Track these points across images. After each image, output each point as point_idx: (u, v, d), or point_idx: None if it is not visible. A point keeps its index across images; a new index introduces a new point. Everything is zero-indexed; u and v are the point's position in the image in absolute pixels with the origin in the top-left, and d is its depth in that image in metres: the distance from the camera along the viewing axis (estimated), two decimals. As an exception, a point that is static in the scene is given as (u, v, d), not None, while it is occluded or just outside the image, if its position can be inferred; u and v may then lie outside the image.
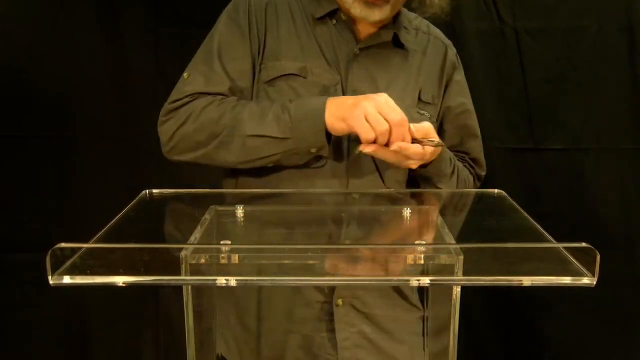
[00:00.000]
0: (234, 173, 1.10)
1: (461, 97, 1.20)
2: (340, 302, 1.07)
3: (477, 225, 0.95)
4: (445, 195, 1.09)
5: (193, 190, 1.03)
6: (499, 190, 0.98)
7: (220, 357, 1.12)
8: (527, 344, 1.81)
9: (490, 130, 1.72)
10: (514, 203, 0.94)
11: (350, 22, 1.07)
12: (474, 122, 1.22)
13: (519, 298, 1.78)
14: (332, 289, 1.06)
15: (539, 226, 0.81)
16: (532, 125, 1.72)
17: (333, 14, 1.07)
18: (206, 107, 1.01)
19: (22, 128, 1.63)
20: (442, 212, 0.92)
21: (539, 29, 1.68)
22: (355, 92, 1.04)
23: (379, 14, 1.03)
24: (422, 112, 1.12)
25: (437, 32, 1.20)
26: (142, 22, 1.65)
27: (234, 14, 1.08)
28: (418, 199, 1.08)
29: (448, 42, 1.19)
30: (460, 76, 1.20)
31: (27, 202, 1.65)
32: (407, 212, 0.94)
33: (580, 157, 1.72)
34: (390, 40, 1.09)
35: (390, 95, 1.06)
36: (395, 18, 1.10)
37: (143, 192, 0.99)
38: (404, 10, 1.13)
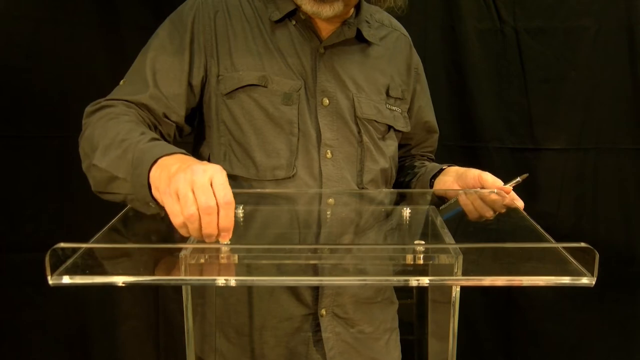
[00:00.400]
0: None
1: (426, 93, 1.21)
2: (324, 312, 1.06)
3: (477, 226, 0.95)
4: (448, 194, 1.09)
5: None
6: (499, 190, 0.98)
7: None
8: (527, 344, 1.81)
9: (490, 130, 1.72)
10: (517, 205, 0.94)
11: (310, 21, 1.04)
12: (433, 116, 1.23)
13: (519, 298, 1.78)
14: (315, 300, 1.05)
15: (538, 226, 0.81)
16: (532, 125, 1.72)
17: (292, 14, 1.04)
18: (101, 118, 0.97)
19: (22, 128, 1.62)
20: (437, 203, 0.93)
21: (539, 29, 1.68)
22: (324, 93, 1.03)
23: (330, 10, 0.99)
24: (392, 108, 1.11)
25: (398, 25, 1.18)
26: (142, 21, 1.65)
27: (177, 24, 1.05)
28: (417, 198, 1.08)
29: (408, 38, 1.19)
30: (423, 71, 1.20)
31: (27, 202, 1.65)
32: (406, 212, 0.94)
33: (580, 157, 1.72)
34: (353, 37, 1.07)
35: (360, 93, 1.07)
36: (357, 12, 1.08)
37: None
38: (365, 4, 1.11)
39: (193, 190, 0.72)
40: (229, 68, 1.02)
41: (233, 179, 1.02)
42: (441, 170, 1.10)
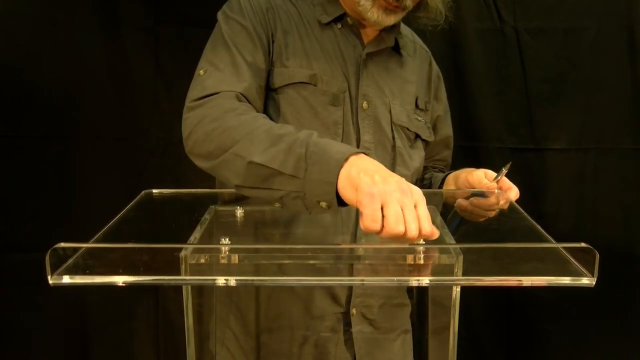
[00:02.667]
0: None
1: (444, 105, 1.23)
2: (354, 311, 1.07)
3: (477, 225, 0.95)
4: (445, 195, 1.10)
5: (193, 190, 1.04)
6: (499, 190, 0.98)
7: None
8: (527, 344, 1.81)
9: (490, 130, 1.72)
10: (514, 203, 0.94)
11: (357, 27, 1.07)
12: (451, 131, 1.26)
13: (519, 298, 1.78)
14: (348, 299, 1.06)
15: (538, 226, 0.81)
16: (532, 125, 1.72)
17: (339, 19, 1.06)
18: (228, 112, 0.90)
19: (22, 128, 1.62)
20: (442, 212, 0.93)
21: (539, 29, 1.68)
22: (365, 97, 1.05)
23: (394, 19, 1.03)
24: (418, 118, 1.13)
25: (419, 40, 1.22)
26: (142, 22, 1.65)
27: (234, 13, 1.03)
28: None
29: (428, 50, 1.23)
30: (443, 85, 1.23)
31: (27, 202, 1.65)
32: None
33: (580, 157, 1.72)
34: (392, 46, 1.10)
35: (395, 100, 1.08)
36: (394, 25, 1.09)
37: (143, 192, 0.99)
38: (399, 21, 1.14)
39: (403, 210, 0.71)
40: (279, 63, 1.03)
41: None
42: (443, 180, 1.13)
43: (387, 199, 0.71)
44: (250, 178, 0.83)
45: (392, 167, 1.06)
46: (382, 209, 0.71)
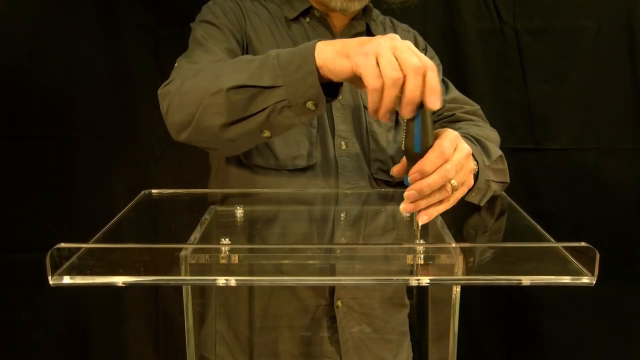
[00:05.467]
0: (219, 175, 1.09)
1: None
2: (339, 303, 1.07)
3: (477, 225, 0.95)
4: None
5: (193, 190, 1.04)
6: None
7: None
8: (527, 344, 1.81)
9: (490, 130, 1.72)
10: (514, 203, 0.94)
11: (324, 19, 1.08)
12: (455, 93, 1.17)
13: (519, 298, 1.78)
14: (331, 291, 1.06)
15: (538, 226, 0.81)
16: (532, 125, 1.72)
17: (306, 12, 1.08)
18: (199, 71, 0.90)
19: (22, 128, 1.62)
20: (441, 212, 0.92)
21: (539, 29, 1.68)
22: None
23: (358, 4, 1.04)
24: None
25: (404, 25, 1.21)
26: (142, 22, 1.65)
27: (205, 17, 1.05)
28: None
29: (414, 32, 1.21)
30: (431, 54, 1.19)
31: (27, 202, 1.65)
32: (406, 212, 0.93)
33: (580, 157, 1.72)
34: (364, 31, 1.10)
35: None
36: (365, 10, 1.11)
37: (143, 192, 0.99)
38: (371, 6, 1.14)
39: (398, 55, 0.70)
40: None
41: (251, 168, 1.03)
42: None
43: (379, 50, 0.70)
44: (233, 109, 0.82)
45: (368, 153, 1.07)
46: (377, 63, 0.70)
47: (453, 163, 0.76)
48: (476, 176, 0.89)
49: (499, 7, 1.67)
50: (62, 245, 0.67)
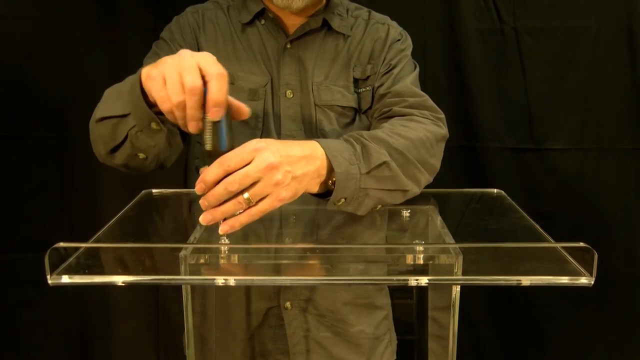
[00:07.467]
0: (191, 180, 1.11)
1: (393, 65, 1.10)
2: (288, 304, 1.06)
3: (477, 225, 0.95)
4: (444, 195, 1.10)
5: (192, 190, 1.03)
6: (499, 190, 0.98)
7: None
8: (527, 344, 1.81)
9: (490, 130, 1.72)
10: (514, 203, 0.94)
11: (278, 20, 1.08)
12: (403, 86, 1.06)
13: (519, 298, 1.78)
14: (277, 292, 1.05)
15: (537, 226, 0.81)
16: (532, 125, 1.72)
17: (260, 14, 1.08)
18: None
19: (22, 128, 1.62)
20: (441, 212, 0.93)
21: (539, 29, 1.68)
22: (287, 86, 1.06)
23: (301, 1, 1.02)
24: (362, 89, 1.09)
25: (381, 18, 1.15)
26: (142, 21, 1.65)
27: (163, 34, 1.10)
28: (416, 198, 1.08)
29: (392, 23, 1.14)
30: (403, 45, 1.12)
31: (27, 202, 1.65)
32: (406, 212, 0.94)
33: (580, 157, 1.72)
34: (319, 27, 1.08)
35: (318, 76, 1.07)
36: (327, 5, 1.09)
37: (143, 192, 0.99)
38: (337, 1, 1.12)
39: (181, 74, 0.69)
40: None
41: None
42: None
43: (164, 71, 0.71)
44: (105, 139, 0.86)
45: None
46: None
47: (239, 175, 0.73)
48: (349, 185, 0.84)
49: (499, 7, 1.67)
50: (61, 244, 0.67)
